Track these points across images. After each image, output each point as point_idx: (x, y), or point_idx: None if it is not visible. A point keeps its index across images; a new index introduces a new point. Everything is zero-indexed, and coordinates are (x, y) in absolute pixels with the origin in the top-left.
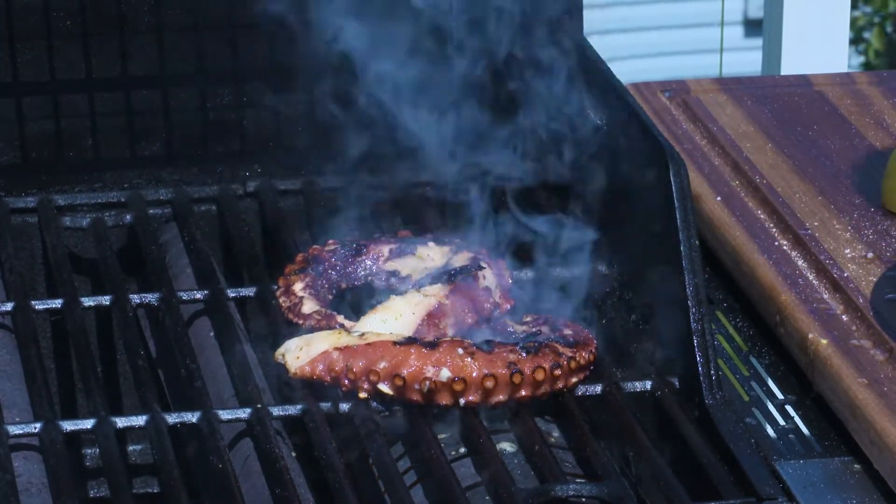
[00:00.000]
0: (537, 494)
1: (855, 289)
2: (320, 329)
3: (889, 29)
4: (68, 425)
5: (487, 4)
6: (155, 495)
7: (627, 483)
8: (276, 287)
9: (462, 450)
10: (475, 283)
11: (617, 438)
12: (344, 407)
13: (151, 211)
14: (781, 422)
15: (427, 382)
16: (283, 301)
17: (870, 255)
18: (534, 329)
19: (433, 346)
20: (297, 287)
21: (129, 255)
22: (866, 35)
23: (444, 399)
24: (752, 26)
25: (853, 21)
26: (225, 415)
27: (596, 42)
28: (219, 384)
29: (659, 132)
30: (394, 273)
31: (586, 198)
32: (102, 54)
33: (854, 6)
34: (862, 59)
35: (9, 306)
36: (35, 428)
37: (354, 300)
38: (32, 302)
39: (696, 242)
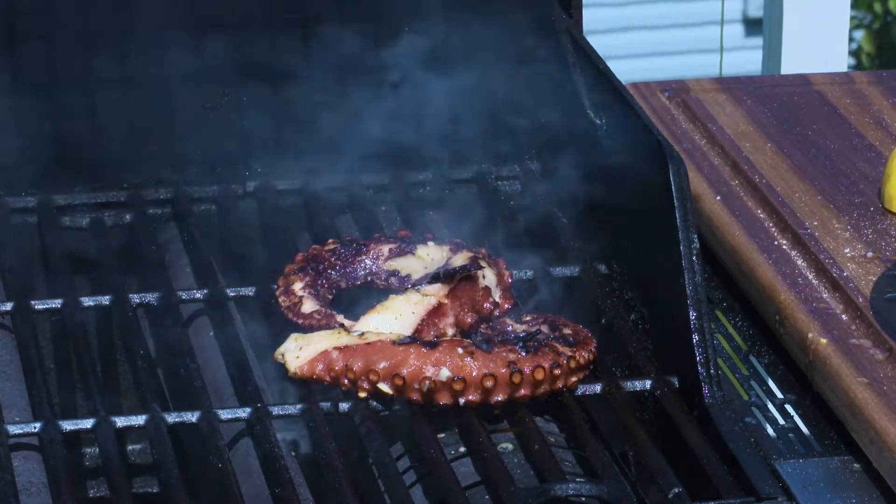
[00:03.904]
0: (537, 494)
1: (854, 288)
2: (320, 329)
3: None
4: (68, 425)
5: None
6: (155, 495)
7: (627, 483)
8: (276, 287)
9: (462, 449)
10: (475, 282)
11: (617, 438)
12: (344, 407)
13: (151, 211)
14: (781, 421)
15: (427, 382)
16: (283, 301)
17: (869, 254)
18: (533, 328)
19: (433, 345)
20: (297, 287)
21: (129, 255)
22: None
23: (444, 398)
24: (752, 26)
25: None
26: (225, 414)
27: (596, 42)
28: (219, 384)
29: (659, 132)
30: (394, 273)
31: (585, 198)
32: (103, 54)
33: None
34: (852, 60)
35: (9, 306)
36: (35, 428)
37: (354, 300)
38: (32, 302)
39: (696, 242)
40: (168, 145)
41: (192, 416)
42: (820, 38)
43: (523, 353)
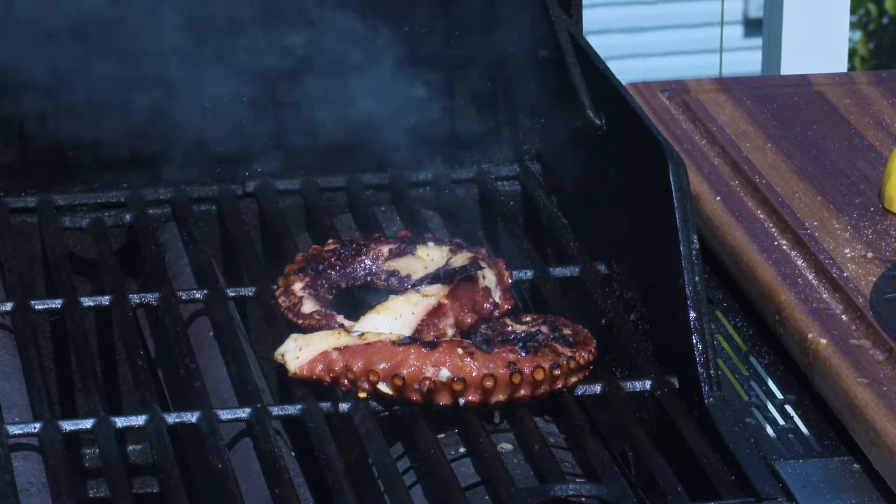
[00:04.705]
0: (537, 494)
1: (854, 288)
2: (320, 329)
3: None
4: (68, 425)
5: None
6: (155, 495)
7: (627, 483)
8: (275, 287)
9: (462, 450)
10: (475, 283)
11: (617, 438)
12: (344, 407)
13: (151, 211)
14: (781, 421)
15: (426, 382)
16: (283, 301)
17: (869, 254)
18: (533, 329)
19: (432, 346)
20: (297, 287)
21: (129, 255)
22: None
23: (444, 399)
24: (752, 26)
25: None
26: (225, 415)
27: (596, 42)
28: (219, 384)
29: (659, 132)
30: (394, 273)
31: (585, 198)
32: (102, 54)
33: None
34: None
35: (9, 306)
36: (35, 428)
37: (354, 300)
38: (32, 302)
39: (696, 242)
40: (168, 145)
41: (192, 417)
42: (820, 39)
43: (523, 354)
